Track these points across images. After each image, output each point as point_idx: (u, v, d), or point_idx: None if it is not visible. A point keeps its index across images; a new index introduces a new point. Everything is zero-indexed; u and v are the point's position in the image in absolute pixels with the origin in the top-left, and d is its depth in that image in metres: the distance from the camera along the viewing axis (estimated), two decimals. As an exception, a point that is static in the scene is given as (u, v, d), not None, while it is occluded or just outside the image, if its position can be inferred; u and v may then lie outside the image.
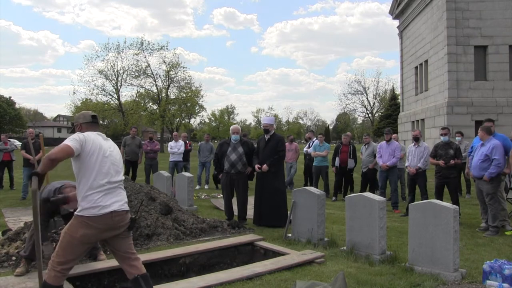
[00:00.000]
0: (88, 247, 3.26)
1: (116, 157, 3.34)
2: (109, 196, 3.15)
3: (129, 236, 3.34)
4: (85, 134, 3.21)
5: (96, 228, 3.09)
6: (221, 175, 7.40)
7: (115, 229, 3.19)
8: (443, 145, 7.68)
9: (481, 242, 6.01)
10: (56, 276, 3.12)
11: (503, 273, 4.04)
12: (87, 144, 3.13)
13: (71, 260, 3.15)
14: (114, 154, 3.33)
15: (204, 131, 61.95)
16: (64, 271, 3.15)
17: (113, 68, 44.57)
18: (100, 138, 3.31)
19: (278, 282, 4.18)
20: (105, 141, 3.34)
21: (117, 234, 3.24)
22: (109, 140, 3.42)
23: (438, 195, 7.43)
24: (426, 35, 22.26)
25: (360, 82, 63.61)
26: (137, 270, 3.28)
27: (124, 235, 3.28)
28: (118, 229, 3.21)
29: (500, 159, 6.49)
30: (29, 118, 76.68)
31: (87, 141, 3.14)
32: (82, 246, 3.15)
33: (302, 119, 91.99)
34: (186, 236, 6.07)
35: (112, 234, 3.21)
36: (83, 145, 3.11)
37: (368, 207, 5.07)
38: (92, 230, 3.09)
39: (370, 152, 10.05)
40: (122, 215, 3.21)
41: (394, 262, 4.81)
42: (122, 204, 3.23)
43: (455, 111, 18.95)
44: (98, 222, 3.08)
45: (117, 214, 3.16)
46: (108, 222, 3.11)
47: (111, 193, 3.17)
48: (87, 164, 3.12)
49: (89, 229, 3.08)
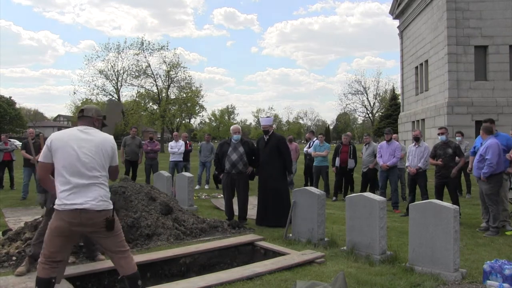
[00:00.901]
0: (66, 241, 3.27)
1: (88, 153, 3.26)
2: (78, 194, 3.17)
3: (113, 236, 3.30)
4: (52, 137, 3.34)
5: (66, 222, 3.18)
6: (222, 175, 7.41)
7: (87, 226, 3.20)
8: (441, 145, 7.68)
9: (481, 242, 6.01)
10: (43, 269, 3.23)
11: (504, 273, 4.03)
12: (53, 146, 3.28)
13: (53, 252, 3.23)
14: (86, 150, 3.26)
15: (204, 131, 62.03)
16: (50, 263, 3.23)
17: (113, 68, 44.64)
18: (75, 134, 3.33)
19: (278, 282, 4.18)
20: (81, 137, 3.32)
21: (95, 231, 3.25)
22: (89, 134, 3.36)
23: (438, 195, 7.42)
24: (427, 35, 22.26)
25: (360, 82, 63.69)
26: (124, 270, 3.31)
27: (106, 235, 3.27)
28: (91, 227, 3.21)
29: (491, 159, 6.45)
30: (29, 118, 76.72)
31: (52, 143, 3.29)
32: (58, 238, 3.23)
33: (302, 119, 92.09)
34: (187, 236, 6.07)
35: (85, 230, 3.24)
36: (51, 150, 3.29)
37: (368, 207, 5.07)
38: (63, 223, 3.19)
39: (370, 152, 10.05)
40: (92, 213, 3.17)
41: (395, 262, 4.81)
42: (92, 202, 3.17)
43: (455, 111, 18.95)
44: (66, 217, 3.17)
45: (85, 212, 3.15)
46: (75, 218, 3.15)
47: (80, 191, 3.18)
48: (55, 162, 3.26)
49: (60, 221, 3.19)
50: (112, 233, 3.29)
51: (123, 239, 3.42)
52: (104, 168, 3.35)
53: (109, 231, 3.25)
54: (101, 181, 3.30)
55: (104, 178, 3.35)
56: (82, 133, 3.36)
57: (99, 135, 3.43)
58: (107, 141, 3.42)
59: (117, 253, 3.33)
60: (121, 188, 6.32)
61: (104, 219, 3.21)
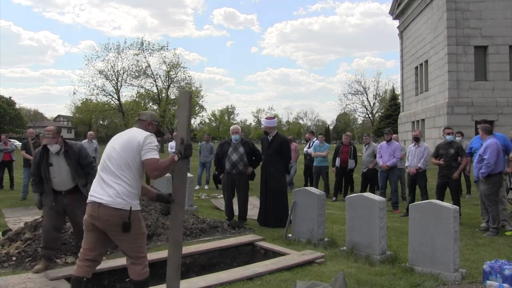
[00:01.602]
0: (96, 238, 3.31)
1: (116, 149, 3.28)
2: (99, 188, 3.25)
3: (126, 240, 3.25)
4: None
5: (88, 215, 3.28)
6: (222, 175, 7.41)
7: (101, 222, 3.20)
8: (444, 145, 7.69)
9: (481, 242, 6.01)
10: (77, 266, 3.36)
11: (503, 273, 4.04)
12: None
13: (86, 249, 3.34)
14: (116, 146, 3.31)
15: (204, 131, 62.01)
16: (83, 261, 3.33)
17: (113, 68, 44.56)
18: (122, 133, 3.48)
19: (278, 282, 4.18)
20: (120, 136, 3.44)
21: (110, 230, 3.24)
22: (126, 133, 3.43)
23: (440, 195, 7.42)
24: (426, 35, 22.26)
25: (360, 82, 63.71)
26: (133, 275, 3.35)
27: (120, 238, 3.24)
28: (105, 223, 3.19)
29: (490, 159, 6.45)
30: (29, 118, 76.73)
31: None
32: (87, 233, 3.34)
33: (302, 119, 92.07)
34: (187, 237, 6.07)
35: (103, 226, 3.23)
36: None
37: (368, 207, 5.07)
38: (86, 216, 3.30)
39: (370, 152, 10.06)
40: (108, 209, 3.14)
41: (394, 262, 4.81)
42: (108, 198, 3.16)
43: (455, 111, 18.95)
44: (88, 209, 3.28)
45: (103, 207, 3.16)
46: (94, 211, 3.21)
47: (102, 186, 3.24)
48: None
49: (85, 215, 3.32)
50: (128, 235, 3.20)
51: (142, 245, 3.36)
52: (129, 165, 3.23)
53: (124, 232, 3.17)
54: (124, 179, 3.20)
55: (129, 175, 3.23)
56: (128, 131, 3.46)
57: (133, 132, 3.39)
58: (136, 137, 3.30)
59: (131, 257, 3.33)
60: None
61: (121, 219, 3.14)
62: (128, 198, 3.20)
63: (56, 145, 4.62)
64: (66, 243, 5.25)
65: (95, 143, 12.03)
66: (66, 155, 4.68)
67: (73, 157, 4.71)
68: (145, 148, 3.25)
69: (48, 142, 4.59)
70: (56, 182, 4.68)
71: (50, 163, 4.64)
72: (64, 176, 4.67)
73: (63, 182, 4.69)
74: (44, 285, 4.01)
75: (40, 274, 4.24)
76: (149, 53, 44.35)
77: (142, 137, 3.29)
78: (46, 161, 4.64)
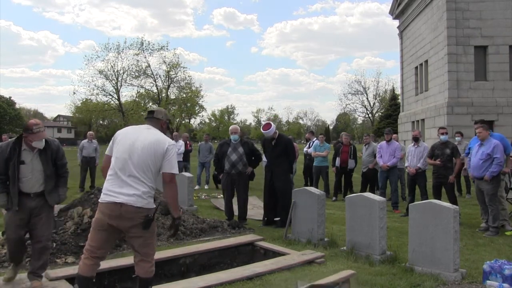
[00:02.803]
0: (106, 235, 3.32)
1: (139, 150, 3.29)
2: (119, 188, 3.24)
3: (143, 237, 3.32)
4: (119, 131, 3.54)
5: (105, 214, 3.25)
6: (221, 175, 7.41)
7: (123, 220, 3.22)
8: (439, 145, 7.70)
9: (481, 242, 6.01)
10: (85, 265, 3.31)
11: (503, 273, 4.04)
12: (116, 137, 3.45)
13: (93, 246, 3.32)
14: (138, 147, 3.29)
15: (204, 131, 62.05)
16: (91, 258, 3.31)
17: (113, 68, 44.58)
18: (138, 130, 3.45)
19: (278, 282, 4.18)
20: (142, 134, 3.39)
21: (130, 228, 3.26)
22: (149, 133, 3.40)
23: (436, 195, 7.43)
24: (426, 35, 22.25)
25: (360, 82, 63.74)
26: (141, 272, 3.37)
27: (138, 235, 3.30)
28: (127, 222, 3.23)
29: (501, 157, 6.52)
30: (29, 118, 76.54)
31: (117, 135, 3.47)
32: (96, 231, 3.32)
33: (302, 119, 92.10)
34: (186, 236, 6.07)
35: (121, 224, 3.25)
36: (114, 142, 3.45)
37: (368, 207, 5.07)
38: (102, 215, 3.27)
39: (370, 152, 10.06)
40: (130, 209, 3.21)
41: (394, 262, 4.81)
42: (131, 198, 3.21)
43: (455, 111, 18.94)
44: (107, 209, 3.24)
45: (125, 206, 3.20)
46: (113, 210, 3.20)
47: (123, 185, 3.24)
48: (113, 153, 3.40)
49: (100, 214, 3.29)
50: (146, 232, 3.31)
51: (154, 242, 3.47)
52: (150, 168, 3.31)
53: (144, 229, 3.28)
54: (144, 180, 3.28)
55: (150, 177, 3.32)
56: (145, 129, 3.45)
57: (156, 135, 3.41)
58: (161, 142, 3.35)
59: (142, 255, 3.37)
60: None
61: (143, 216, 3.24)
62: (149, 197, 3.33)
63: (43, 141, 4.09)
64: (66, 243, 5.25)
65: (95, 143, 12.04)
66: (43, 152, 4.10)
67: (50, 155, 4.14)
68: (168, 159, 3.36)
69: (43, 137, 4.04)
70: (26, 183, 4.01)
71: (22, 161, 4.00)
72: (37, 176, 4.05)
73: (33, 183, 4.05)
74: (44, 285, 4.01)
75: (42, 275, 4.13)
76: (149, 53, 44.44)
77: (167, 143, 3.38)
78: (18, 158, 3.99)
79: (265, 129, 7.35)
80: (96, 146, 12.01)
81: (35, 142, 4.01)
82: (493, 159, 6.51)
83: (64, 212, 6.12)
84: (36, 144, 4.02)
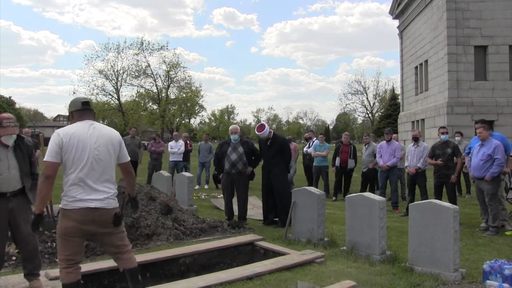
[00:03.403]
0: (81, 241, 3.29)
1: (99, 149, 3.21)
2: (90, 193, 3.17)
3: (117, 232, 3.34)
4: (61, 133, 3.18)
5: (78, 221, 3.15)
6: (221, 175, 7.41)
7: (96, 224, 3.21)
8: (440, 145, 7.70)
9: (481, 242, 6.01)
10: (67, 273, 3.21)
11: (503, 273, 4.04)
12: (64, 142, 3.14)
13: (70, 254, 3.22)
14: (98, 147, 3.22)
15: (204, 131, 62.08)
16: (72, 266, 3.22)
17: (113, 68, 44.60)
18: (84, 128, 3.23)
19: (278, 282, 4.18)
20: (93, 133, 3.24)
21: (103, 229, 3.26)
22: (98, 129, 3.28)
23: (437, 195, 7.43)
24: (426, 35, 22.25)
25: (360, 82, 63.60)
26: (126, 264, 3.36)
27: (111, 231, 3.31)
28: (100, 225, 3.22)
29: (501, 158, 6.52)
30: (29, 118, 76.66)
31: (64, 139, 3.14)
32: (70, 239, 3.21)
33: (302, 119, 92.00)
34: (186, 236, 6.07)
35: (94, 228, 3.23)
36: (61, 147, 3.13)
37: (368, 207, 5.07)
38: (74, 223, 3.15)
39: (370, 152, 10.05)
40: (103, 212, 3.20)
41: (394, 262, 4.81)
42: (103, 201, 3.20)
43: (455, 111, 18.94)
44: (79, 215, 3.14)
45: (97, 210, 3.18)
46: (87, 215, 3.15)
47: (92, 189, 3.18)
48: (67, 159, 3.16)
49: (72, 222, 3.15)
50: (119, 228, 3.34)
51: (126, 234, 3.48)
52: (112, 165, 3.31)
53: (117, 226, 3.30)
54: (111, 180, 3.30)
55: (113, 174, 3.32)
56: (90, 126, 3.27)
57: (106, 129, 3.37)
58: (113, 135, 3.34)
59: (122, 247, 3.37)
60: (120, 188, 6.30)
61: (114, 215, 3.24)
62: (116, 196, 3.33)
63: (14, 136, 3.96)
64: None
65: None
66: (18, 149, 3.98)
67: (26, 151, 4.05)
68: (123, 148, 3.39)
69: (13, 132, 3.90)
70: (2, 181, 3.86)
71: None
72: (13, 173, 3.92)
73: (10, 181, 3.90)
74: (44, 285, 4.01)
75: (40, 273, 4.14)
76: (149, 53, 44.47)
77: (117, 134, 3.38)
78: None
79: (259, 130, 7.35)
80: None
81: (4, 137, 3.88)
82: (494, 160, 6.51)
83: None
84: (5, 140, 3.89)
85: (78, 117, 3.32)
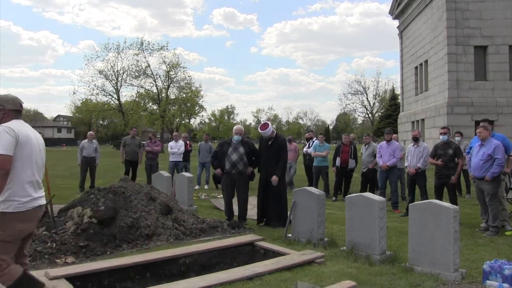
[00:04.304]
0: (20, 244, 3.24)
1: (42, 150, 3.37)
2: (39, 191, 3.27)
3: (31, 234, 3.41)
4: (15, 127, 3.12)
5: (34, 221, 3.24)
6: (221, 175, 7.39)
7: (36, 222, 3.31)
8: (442, 145, 7.69)
9: (481, 242, 6.01)
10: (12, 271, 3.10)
11: (503, 273, 4.04)
12: (21, 137, 3.12)
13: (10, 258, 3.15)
14: (41, 147, 3.37)
15: (204, 131, 62.05)
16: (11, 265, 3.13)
17: (113, 68, 44.68)
18: (27, 128, 3.30)
19: (278, 282, 4.18)
20: (34, 133, 3.36)
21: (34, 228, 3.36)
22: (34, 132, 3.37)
23: (438, 195, 7.43)
24: (426, 35, 22.26)
25: (360, 82, 63.63)
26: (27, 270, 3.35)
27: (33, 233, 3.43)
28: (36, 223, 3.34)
29: (501, 158, 6.52)
30: (29, 118, 76.63)
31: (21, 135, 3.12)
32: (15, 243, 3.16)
33: (302, 119, 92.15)
34: (186, 236, 6.07)
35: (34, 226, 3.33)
36: (18, 141, 3.09)
37: (368, 207, 5.07)
38: (30, 223, 3.20)
39: (370, 152, 10.05)
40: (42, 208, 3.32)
41: (394, 262, 4.81)
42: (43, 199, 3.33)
43: (455, 111, 18.94)
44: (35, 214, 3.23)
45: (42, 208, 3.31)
46: (40, 213, 3.27)
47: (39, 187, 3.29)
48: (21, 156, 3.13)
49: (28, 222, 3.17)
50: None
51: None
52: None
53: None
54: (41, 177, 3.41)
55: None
56: (29, 129, 3.35)
57: (34, 130, 3.44)
58: (40, 137, 3.47)
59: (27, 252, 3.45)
60: (120, 188, 6.32)
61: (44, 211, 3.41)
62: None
63: None
64: (66, 243, 5.25)
65: (95, 143, 12.03)
66: None
67: None
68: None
69: None
70: None
71: None
72: None
73: None
74: (44, 285, 4.00)
75: (40, 273, 4.19)
76: (149, 53, 44.47)
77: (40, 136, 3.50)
78: None
79: (263, 129, 7.35)
80: (96, 146, 12.01)
81: None
82: (494, 160, 6.51)
83: (64, 212, 6.12)
84: None
85: (14, 116, 3.27)
